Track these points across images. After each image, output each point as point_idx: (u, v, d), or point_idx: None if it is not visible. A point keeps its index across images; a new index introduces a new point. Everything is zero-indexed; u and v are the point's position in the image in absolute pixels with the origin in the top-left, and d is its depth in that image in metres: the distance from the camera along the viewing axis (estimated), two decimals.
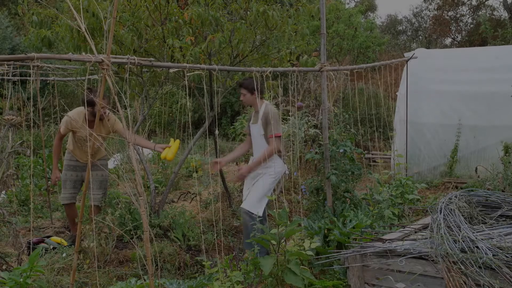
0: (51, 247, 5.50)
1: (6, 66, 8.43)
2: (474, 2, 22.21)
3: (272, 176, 5.22)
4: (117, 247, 5.70)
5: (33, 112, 11.97)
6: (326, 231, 5.04)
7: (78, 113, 5.77)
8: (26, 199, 7.57)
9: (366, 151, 11.58)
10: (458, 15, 22.82)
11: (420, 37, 25.85)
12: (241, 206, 5.30)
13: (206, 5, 5.93)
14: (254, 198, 5.17)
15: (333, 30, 16.44)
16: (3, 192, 7.22)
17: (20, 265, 4.09)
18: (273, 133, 5.10)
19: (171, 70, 4.85)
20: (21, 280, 3.45)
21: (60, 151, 6.14)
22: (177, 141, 5.20)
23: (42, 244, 5.56)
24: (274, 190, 5.45)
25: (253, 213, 5.08)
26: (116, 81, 5.95)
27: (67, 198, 5.98)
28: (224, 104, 16.29)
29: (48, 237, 5.81)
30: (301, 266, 3.88)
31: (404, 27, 27.18)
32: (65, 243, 5.63)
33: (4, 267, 4.77)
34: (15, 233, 5.18)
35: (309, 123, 9.17)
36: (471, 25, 22.16)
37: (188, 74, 4.42)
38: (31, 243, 5.38)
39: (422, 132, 9.20)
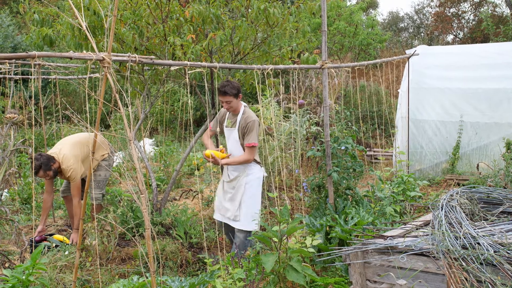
0: (54, 244, 5.52)
1: (8, 65, 8.45)
2: None
3: (254, 186, 5.09)
4: (119, 245, 5.72)
5: (35, 110, 12.01)
6: (327, 228, 5.05)
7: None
8: (28, 197, 7.59)
9: (367, 148, 11.59)
10: (460, 12, 22.76)
11: (422, 34, 25.81)
12: (236, 227, 5.10)
13: (207, 3, 5.92)
14: (248, 216, 5.02)
15: (334, 27, 16.42)
16: (6, 190, 7.24)
17: (23, 263, 4.11)
18: (251, 142, 4.92)
19: (172, 68, 4.85)
20: (24, 277, 3.47)
21: (51, 205, 6.05)
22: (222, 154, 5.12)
23: (45, 242, 5.58)
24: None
25: (250, 231, 5.04)
26: (117, 79, 5.96)
27: (62, 191, 6.15)
28: None
29: (50, 235, 5.84)
30: (303, 263, 3.89)
31: (405, 24, 27.13)
32: (68, 241, 5.65)
33: (6, 264, 4.79)
34: (18, 231, 5.20)
35: (310, 120, 9.17)
36: (473, 22, 22.11)
37: (189, 72, 4.43)
38: (34, 241, 5.40)
39: (424, 129, 9.20)
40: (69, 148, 5.67)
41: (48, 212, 5.96)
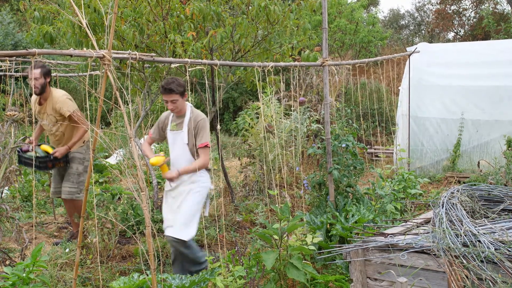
0: (37, 154, 5.37)
1: (9, 62, 8.44)
2: None
3: (199, 193, 4.53)
4: (119, 242, 5.72)
5: None
6: (328, 226, 5.05)
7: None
8: (29, 195, 7.60)
9: (368, 146, 11.58)
10: (461, 9, 22.69)
11: (423, 32, 25.75)
12: (166, 233, 4.49)
13: (208, 0, 5.92)
14: (181, 223, 4.41)
15: (335, 25, 16.41)
16: (6, 187, 7.24)
17: (23, 260, 4.11)
18: (205, 141, 4.47)
19: (172, 65, 4.84)
20: (24, 275, 3.47)
21: (40, 133, 6.01)
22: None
23: (30, 153, 5.46)
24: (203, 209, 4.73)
25: (183, 240, 4.41)
26: (118, 76, 5.96)
27: (52, 192, 6.00)
28: (226, 100, 16.30)
29: (38, 145, 5.67)
30: (303, 261, 3.89)
31: (406, 21, 27.05)
32: (51, 151, 5.51)
33: (7, 262, 4.79)
34: (18, 228, 5.19)
35: (311, 118, 9.16)
36: (474, 19, 22.04)
37: (189, 69, 4.42)
38: (21, 151, 5.33)
39: (425, 127, 9.19)
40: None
41: (39, 129, 5.86)
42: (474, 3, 22.32)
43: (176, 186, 4.55)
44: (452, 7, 22.68)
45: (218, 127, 5.56)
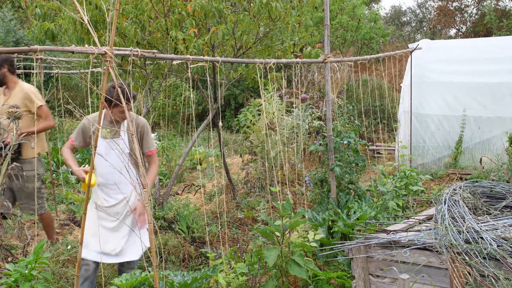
0: None
1: None
2: None
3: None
4: None
5: None
6: (330, 223, 5.05)
7: None
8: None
9: (370, 143, 11.58)
10: (462, 6, 22.64)
11: (425, 28, 25.71)
12: (126, 260, 4.03)
13: None
14: (137, 242, 4.00)
15: (337, 21, 16.39)
16: None
17: (26, 257, 4.11)
18: (153, 148, 4.13)
19: (174, 62, 4.84)
20: (27, 272, 3.47)
21: None
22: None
23: None
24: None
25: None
26: (119, 73, 5.96)
27: None
28: (228, 97, 16.29)
29: None
30: (305, 258, 3.89)
31: (408, 18, 27.01)
32: None
33: (9, 259, 4.80)
34: (20, 225, 5.19)
35: (313, 115, 9.16)
36: (476, 16, 21.99)
37: (191, 66, 4.42)
38: None
39: (427, 124, 9.18)
40: None
41: None
42: (476, 0, 22.26)
43: (118, 202, 4.04)
44: (454, 4, 22.64)
45: (220, 124, 5.56)
